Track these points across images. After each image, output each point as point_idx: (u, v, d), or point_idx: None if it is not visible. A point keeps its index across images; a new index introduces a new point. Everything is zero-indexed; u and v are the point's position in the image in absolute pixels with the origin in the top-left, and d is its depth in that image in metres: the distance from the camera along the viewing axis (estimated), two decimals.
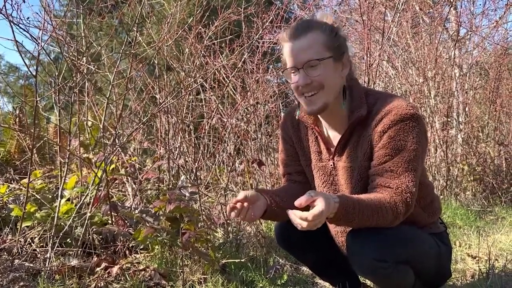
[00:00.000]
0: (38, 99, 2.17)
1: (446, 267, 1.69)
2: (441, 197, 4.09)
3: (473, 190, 4.36)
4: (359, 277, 1.83)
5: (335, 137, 1.59)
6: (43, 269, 1.93)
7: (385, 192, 1.41)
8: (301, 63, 1.45)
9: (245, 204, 1.45)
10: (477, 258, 2.42)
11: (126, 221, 2.24)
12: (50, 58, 2.66)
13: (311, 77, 1.45)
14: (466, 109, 4.98)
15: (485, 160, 4.63)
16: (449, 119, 4.70)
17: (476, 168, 4.44)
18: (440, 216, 1.75)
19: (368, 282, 1.88)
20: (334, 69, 1.47)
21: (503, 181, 4.48)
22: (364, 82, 3.41)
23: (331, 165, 1.60)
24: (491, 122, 5.12)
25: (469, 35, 5.26)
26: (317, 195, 1.27)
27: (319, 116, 1.60)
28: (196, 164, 2.60)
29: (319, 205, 1.24)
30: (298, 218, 1.27)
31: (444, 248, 1.65)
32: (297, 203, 1.27)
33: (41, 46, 2.11)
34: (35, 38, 2.10)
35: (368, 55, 3.45)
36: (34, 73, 2.08)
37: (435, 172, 4.38)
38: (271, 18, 3.04)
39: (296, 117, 1.64)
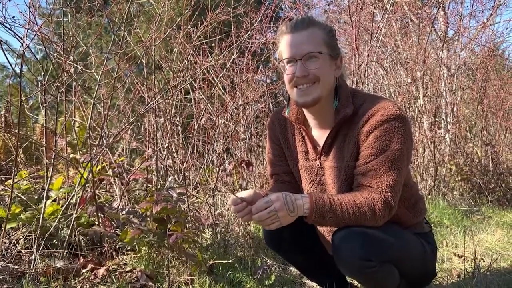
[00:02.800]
0: (23, 98, 2.14)
1: (431, 267, 1.71)
2: (429, 196, 4.12)
3: (461, 190, 4.41)
4: (346, 277, 1.84)
5: (321, 136, 1.60)
6: (27, 271, 1.90)
7: (364, 191, 1.43)
8: (300, 54, 1.47)
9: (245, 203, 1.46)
10: (463, 258, 2.45)
11: (112, 222, 2.23)
12: (36, 58, 2.62)
13: (309, 69, 1.47)
14: (454, 109, 5.03)
15: (473, 160, 4.68)
16: (437, 119, 4.74)
17: (464, 168, 4.48)
18: (425, 216, 1.76)
19: (355, 282, 1.89)
20: (329, 66, 1.51)
21: (490, 181, 4.52)
22: (353, 82, 3.42)
23: (317, 165, 1.61)
24: (479, 122, 5.18)
25: (457, 36, 5.31)
26: (274, 201, 1.38)
27: (306, 115, 1.61)
28: (185, 164, 2.59)
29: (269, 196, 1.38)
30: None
31: (429, 248, 1.66)
32: (254, 210, 1.39)
33: (27, 45, 2.09)
34: (20, 37, 2.07)
35: (357, 56, 3.46)
36: (19, 72, 2.05)
37: (423, 172, 4.41)
38: (260, 18, 3.03)
39: (286, 115, 1.64)
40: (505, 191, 4.45)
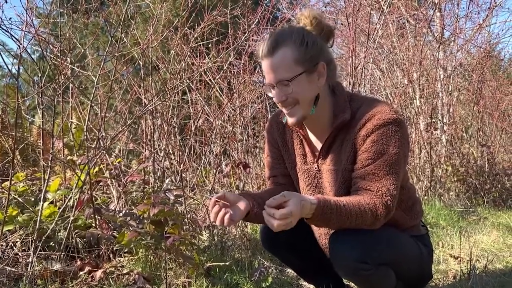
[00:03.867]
0: (20, 101, 2.14)
1: (428, 269, 1.72)
2: (425, 197, 4.14)
3: (457, 191, 4.43)
4: (343, 279, 1.85)
5: (319, 140, 1.60)
6: (25, 273, 1.90)
7: (365, 195, 1.43)
8: (274, 81, 1.46)
9: (222, 209, 1.41)
10: (459, 259, 2.46)
11: (110, 224, 2.23)
12: (33, 59, 2.61)
13: (285, 94, 1.46)
14: (450, 110, 5.05)
15: (469, 161, 4.70)
16: (433, 120, 4.76)
17: (460, 169, 4.50)
18: (421, 219, 1.77)
19: (352, 284, 1.90)
20: (308, 82, 1.47)
21: (486, 181, 4.55)
22: (350, 84, 3.43)
23: (315, 168, 1.61)
24: (475, 123, 5.20)
25: (453, 37, 5.34)
26: (290, 196, 1.29)
27: (303, 122, 1.61)
28: (182, 166, 2.59)
29: (289, 206, 1.27)
30: (269, 216, 1.28)
31: (425, 250, 1.67)
32: (268, 202, 1.29)
33: (24, 47, 2.09)
34: (17, 39, 2.07)
35: (354, 57, 3.47)
36: (16, 74, 2.05)
37: (420, 173, 4.43)
38: (257, 19, 3.04)
39: (284, 121, 1.65)
40: (500, 192, 4.48)
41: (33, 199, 2.34)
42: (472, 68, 5.46)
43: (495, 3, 5.16)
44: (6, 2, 2.06)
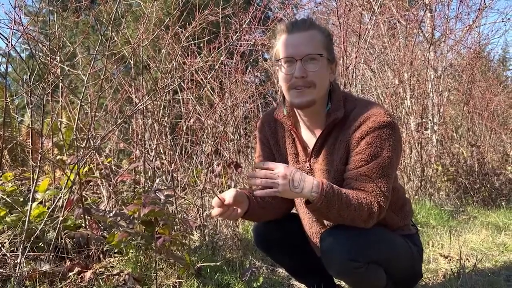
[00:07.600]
0: (8, 100, 2.12)
1: (418, 268, 1.73)
2: (416, 197, 4.17)
3: (447, 190, 4.46)
4: (334, 279, 1.86)
5: (312, 139, 1.61)
6: (13, 274, 1.88)
7: (361, 193, 1.44)
8: (301, 55, 1.47)
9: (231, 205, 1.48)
10: (449, 258, 2.48)
11: (100, 225, 2.21)
12: (22, 57, 2.58)
13: (308, 71, 1.47)
14: (441, 110, 5.09)
15: (459, 161, 4.74)
16: (424, 120, 4.79)
17: (450, 169, 4.54)
18: (412, 218, 1.78)
19: (343, 284, 1.90)
20: (326, 69, 1.52)
21: (475, 181, 4.59)
22: (341, 84, 3.44)
23: (307, 167, 1.62)
24: (465, 123, 5.25)
25: (444, 38, 5.38)
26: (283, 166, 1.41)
27: (298, 117, 1.62)
28: (173, 165, 2.58)
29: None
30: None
31: (415, 249, 1.69)
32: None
33: (12, 45, 2.06)
34: (5, 37, 2.04)
35: (345, 57, 3.48)
36: (3, 72, 2.03)
37: (410, 172, 4.46)
38: (249, 19, 3.03)
39: (281, 114, 1.64)
40: (490, 191, 4.52)
41: (21, 199, 2.31)
42: (462, 69, 5.52)
43: (485, 4, 5.21)
44: None
